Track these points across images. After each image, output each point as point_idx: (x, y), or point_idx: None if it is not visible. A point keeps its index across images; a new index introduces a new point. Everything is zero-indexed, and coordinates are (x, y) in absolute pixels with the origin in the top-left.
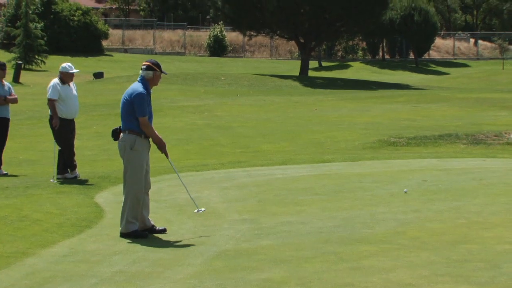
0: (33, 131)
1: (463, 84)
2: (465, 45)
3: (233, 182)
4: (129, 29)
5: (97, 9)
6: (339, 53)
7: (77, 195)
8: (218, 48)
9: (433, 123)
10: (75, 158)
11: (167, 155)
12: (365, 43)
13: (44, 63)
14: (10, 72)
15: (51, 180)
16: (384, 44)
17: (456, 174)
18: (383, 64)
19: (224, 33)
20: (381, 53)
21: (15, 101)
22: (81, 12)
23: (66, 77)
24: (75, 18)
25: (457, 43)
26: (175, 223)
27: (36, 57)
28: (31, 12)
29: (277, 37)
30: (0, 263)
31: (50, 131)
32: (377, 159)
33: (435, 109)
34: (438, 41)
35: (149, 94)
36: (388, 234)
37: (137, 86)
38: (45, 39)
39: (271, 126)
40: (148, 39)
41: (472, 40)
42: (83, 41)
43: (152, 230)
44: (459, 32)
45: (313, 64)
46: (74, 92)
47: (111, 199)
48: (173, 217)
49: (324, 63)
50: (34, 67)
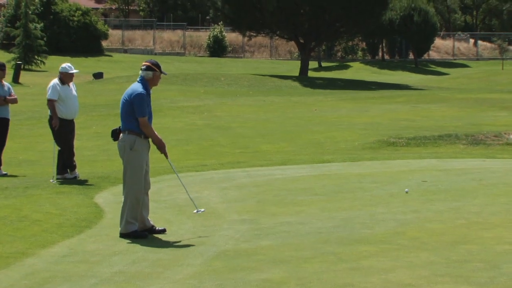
0: (32, 132)
1: (462, 85)
2: (465, 46)
3: (233, 182)
4: (129, 29)
5: (97, 9)
6: (339, 54)
7: (77, 195)
8: (217, 49)
9: (433, 123)
10: (75, 159)
11: (166, 155)
12: (364, 43)
13: (44, 63)
14: (10, 73)
15: (51, 181)
16: (384, 45)
17: (456, 175)
18: (382, 65)
19: (224, 33)
20: (380, 54)
21: (14, 101)
22: (80, 12)
23: (65, 78)
24: (75, 19)
25: (457, 44)
26: (175, 223)
27: (36, 57)
28: (30, 12)
29: (277, 37)
30: (0, 263)
31: (49, 131)
32: (376, 159)
33: (434, 109)
34: (438, 41)
35: (148, 95)
36: (388, 234)
37: (136, 87)
38: (45, 39)
39: (270, 126)
40: (147, 39)
41: (472, 41)
42: (83, 41)
43: (152, 230)
44: (459, 33)
45: (312, 64)
46: (74, 93)
47: (110, 199)
48: (172, 217)
49: (323, 64)
50: (33, 67)
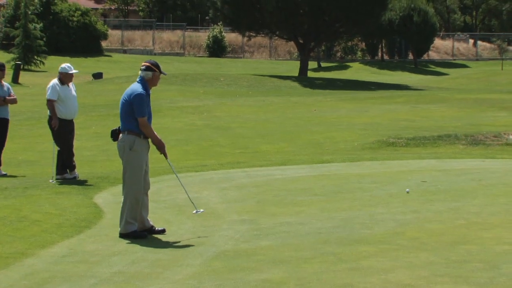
0: (32, 132)
1: (462, 85)
2: (464, 46)
3: (232, 182)
4: (128, 29)
5: (96, 9)
6: (338, 54)
7: (76, 195)
8: (217, 49)
9: (432, 123)
10: (74, 159)
11: (166, 155)
12: (364, 43)
13: (43, 63)
14: (9, 73)
15: (50, 181)
16: (383, 45)
17: (455, 175)
18: (382, 65)
19: (223, 33)
20: (380, 54)
21: (14, 101)
22: (80, 12)
23: (65, 78)
24: (74, 19)
25: (456, 44)
26: (174, 223)
27: (35, 57)
28: (30, 12)
29: (276, 37)
30: None
31: (49, 131)
32: (376, 159)
33: (434, 109)
34: (437, 41)
35: (148, 95)
36: (387, 234)
37: (136, 87)
38: (44, 39)
39: (270, 126)
40: (147, 39)
41: (471, 41)
42: (82, 41)
43: (151, 230)
44: (458, 33)
45: (312, 64)
46: (73, 93)
47: (110, 199)
48: (172, 217)
49: (323, 64)
50: (33, 67)
